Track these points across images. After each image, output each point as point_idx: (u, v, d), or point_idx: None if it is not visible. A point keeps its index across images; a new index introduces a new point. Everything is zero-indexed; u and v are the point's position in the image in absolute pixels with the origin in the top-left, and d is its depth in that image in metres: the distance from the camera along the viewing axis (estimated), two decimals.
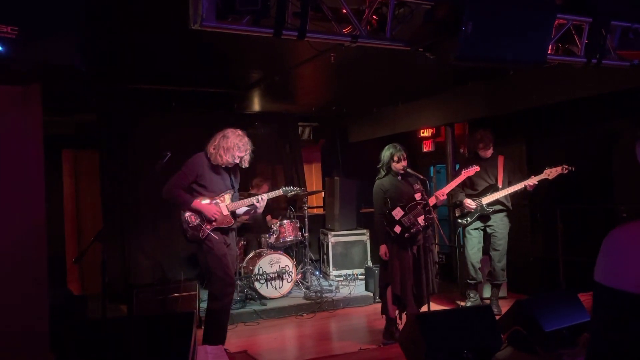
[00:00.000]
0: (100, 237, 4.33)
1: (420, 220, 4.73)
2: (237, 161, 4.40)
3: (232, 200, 4.46)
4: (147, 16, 3.98)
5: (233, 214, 4.46)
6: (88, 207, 7.44)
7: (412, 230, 4.73)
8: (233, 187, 4.50)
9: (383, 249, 4.83)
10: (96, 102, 6.70)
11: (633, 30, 3.99)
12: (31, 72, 2.96)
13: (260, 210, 4.62)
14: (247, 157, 4.46)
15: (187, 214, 4.33)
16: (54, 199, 6.81)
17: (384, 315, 5.02)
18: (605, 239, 1.13)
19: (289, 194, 4.87)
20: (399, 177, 4.91)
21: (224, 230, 4.39)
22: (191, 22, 2.99)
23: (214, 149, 4.34)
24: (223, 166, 4.39)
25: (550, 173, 5.32)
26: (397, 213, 4.76)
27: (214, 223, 4.32)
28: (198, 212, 4.31)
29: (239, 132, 4.43)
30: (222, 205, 4.38)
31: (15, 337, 3.19)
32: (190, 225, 4.31)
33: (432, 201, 4.86)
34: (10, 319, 3.17)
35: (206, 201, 4.33)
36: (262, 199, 4.50)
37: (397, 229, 4.73)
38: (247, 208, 4.56)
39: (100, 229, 6.12)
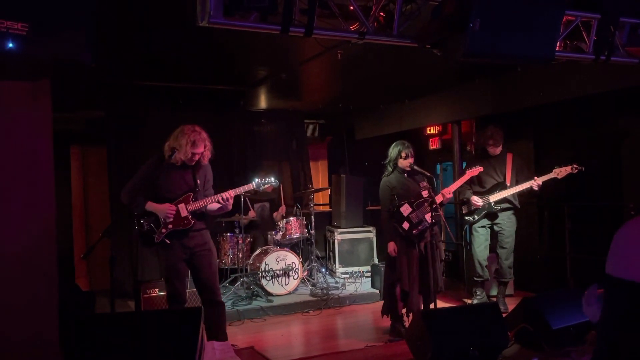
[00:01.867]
0: (109, 233, 4.35)
1: (428, 217, 4.73)
2: (194, 158, 4.10)
3: (199, 199, 4.17)
4: (155, 13, 3.99)
5: (196, 214, 4.14)
6: (96, 203, 7.48)
7: (420, 227, 4.74)
8: (197, 187, 4.18)
9: (392, 245, 4.83)
10: (105, 99, 6.73)
11: None
12: (41, 68, 2.98)
13: (229, 207, 4.24)
14: (207, 154, 4.18)
15: (141, 218, 4.11)
16: (62, 195, 6.86)
17: (384, 316, 5.02)
18: (617, 232, 1.14)
19: (261, 188, 4.44)
20: (405, 174, 4.91)
21: (182, 234, 4.11)
22: (199, 19, 3.00)
23: (168, 147, 4.09)
24: (178, 164, 4.10)
25: (559, 172, 5.29)
26: (405, 209, 4.77)
27: (170, 226, 4.06)
28: (152, 214, 4.08)
29: (196, 127, 4.12)
30: (180, 206, 4.09)
31: (26, 333, 3.21)
32: (144, 230, 4.09)
33: (438, 199, 4.85)
34: (21, 315, 3.20)
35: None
36: (229, 196, 4.15)
37: (406, 225, 4.74)
38: (219, 205, 4.22)
39: (109, 225, 6.17)
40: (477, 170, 5.40)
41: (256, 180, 4.43)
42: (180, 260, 4.14)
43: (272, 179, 4.49)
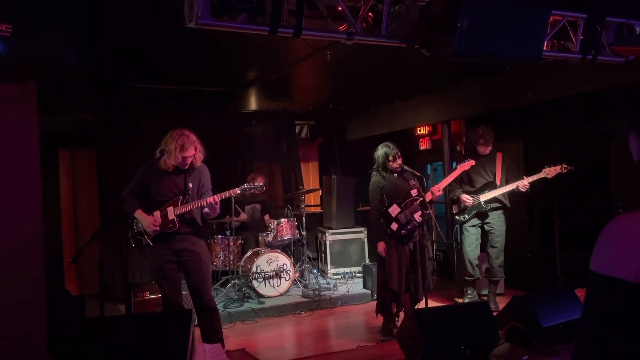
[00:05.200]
0: (98, 237, 4.33)
1: (417, 216, 4.74)
2: (187, 162, 4.12)
3: (189, 202, 4.16)
4: (143, 14, 3.97)
5: (184, 218, 4.14)
6: (85, 206, 7.43)
7: (408, 227, 4.74)
8: (187, 190, 4.17)
9: (381, 245, 4.84)
10: (93, 101, 6.69)
11: (628, 26, 4.00)
12: (27, 70, 2.96)
13: (217, 211, 4.23)
14: (199, 156, 4.19)
15: (133, 221, 4.20)
16: (50, 198, 6.80)
17: (378, 315, 5.02)
18: (603, 230, 1.14)
19: (246, 193, 4.47)
20: (395, 174, 4.92)
21: (168, 236, 4.13)
22: (187, 20, 2.99)
23: (159, 153, 4.11)
24: (170, 170, 4.13)
25: (549, 172, 5.32)
26: (394, 210, 4.77)
27: (157, 229, 4.11)
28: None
29: (185, 131, 4.12)
30: (169, 209, 4.10)
31: (13, 338, 3.18)
32: (135, 232, 4.17)
33: (427, 197, 4.87)
34: (8, 319, 3.17)
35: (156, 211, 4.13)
36: (213, 201, 4.13)
37: (394, 226, 4.74)
38: (207, 209, 4.23)
39: (98, 228, 6.12)
40: (468, 164, 5.36)
41: (244, 184, 4.46)
42: (166, 263, 4.15)
43: (258, 184, 4.54)
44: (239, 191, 4.37)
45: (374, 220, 4.95)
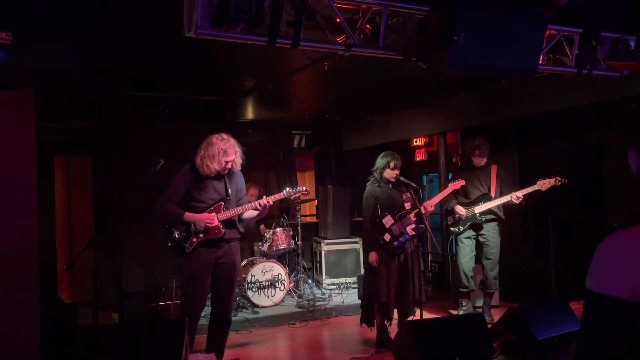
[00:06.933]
0: (92, 244, 4.31)
1: (409, 229, 4.75)
2: (228, 166, 4.17)
3: (230, 208, 4.23)
4: (141, 23, 3.99)
5: (227, 224, 4.20)
6: (80, 214, 7.40)
7: (400, 239, 4.74)
8: (228, 196, 4.23)
9: (373, 255, 4.81)
10: (89, 109, 6.69)
11: (622, 41, 4.04)
12: (24, 77, 2.96)
13: (266, 212, 4.33)
14: (238, 160, 4.24)
15: (172, 228, 4.17)
16: (45, 205, 6.77)
17: (363, 324, 5.00)
18: (598, 247, 1.14)
19: (291, 196, 4.53)
20: (390, 185, 4.93)
21: (212, 243, 4.15)
22: (185, 30, 3.00)
23: (200, 159, 4.14)
24: (212, 175, 4.16)
25: (543, 184, 5.34)
26: (388, 221, 4.78)
27: (201, 235, 4.10)
28: (189, 224, 4.12)
29: (224, 135, 4.20)
30: (213, 215, 4.15)
31: (5, 345, 3.16)
32: (175, 239, 4.14)
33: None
34: (0, 325, 3.14)
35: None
36: (266, 202, 4.19)
37: (387, 237, 4.74)
38: (254, 213, 4.29)
39: (92, 235, 6.09)
40: (459, 183, 5.50)
41: (287, 189, 4.53)
42: (206, 270, 4.14)
43: (303, 188, 4.61)
44: (284, 195, 4.44)
45: (366, 230, 4.94)
